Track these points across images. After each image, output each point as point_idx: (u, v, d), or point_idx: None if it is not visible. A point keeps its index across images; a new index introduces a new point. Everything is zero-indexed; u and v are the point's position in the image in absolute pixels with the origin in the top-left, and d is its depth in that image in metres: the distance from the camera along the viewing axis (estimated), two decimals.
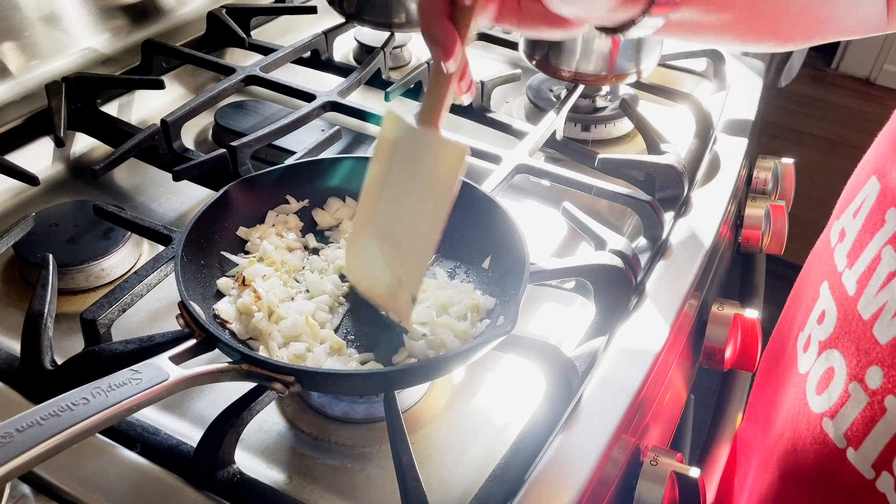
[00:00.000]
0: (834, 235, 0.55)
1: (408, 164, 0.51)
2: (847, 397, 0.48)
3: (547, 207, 0.79)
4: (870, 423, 0.46)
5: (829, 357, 0.51)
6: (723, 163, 0.83)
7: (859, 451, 0.46)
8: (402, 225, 0.52)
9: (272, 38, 0.98)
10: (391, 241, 0.52)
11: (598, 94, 0.90)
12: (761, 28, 0.56)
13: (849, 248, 0.52)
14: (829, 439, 0.49)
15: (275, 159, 0.78)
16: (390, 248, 0.52)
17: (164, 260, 0.60)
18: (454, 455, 0.55)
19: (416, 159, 0.51)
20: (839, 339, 0.50)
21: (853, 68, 2.71)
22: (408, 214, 0.52)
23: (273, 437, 0.55)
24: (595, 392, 0.56)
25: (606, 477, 0.52)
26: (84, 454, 0.50)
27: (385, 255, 0.52)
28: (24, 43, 0.82)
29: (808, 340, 0.54)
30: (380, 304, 0.55)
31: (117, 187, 0.79)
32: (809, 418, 0.51)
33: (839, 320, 0.51)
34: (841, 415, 0.48)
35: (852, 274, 0.50)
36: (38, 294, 0.56)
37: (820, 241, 0.59)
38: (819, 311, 0.54)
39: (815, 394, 0.51)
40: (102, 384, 0.41)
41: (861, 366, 0.47)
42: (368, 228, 0.53)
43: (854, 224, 0.52)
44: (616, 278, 0.61)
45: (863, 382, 0.47)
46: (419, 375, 0.51)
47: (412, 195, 0.51)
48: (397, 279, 0.52)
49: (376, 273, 0.53)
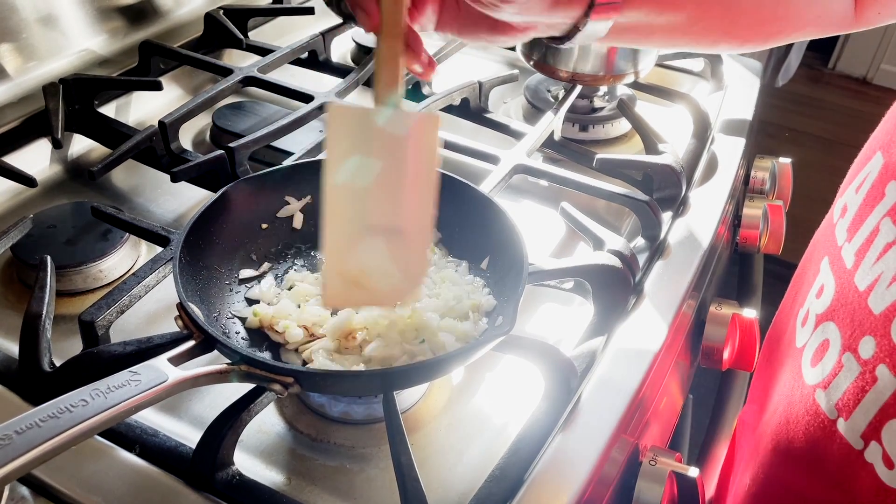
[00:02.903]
0: (836, 211, 0.55)
1: (379, 150, 0.49)
2: (840, 368, 0.48)
3: (545, 207, 0.79)
4: (860, 393, 0.46)
5: (824, 330, 0.51)
6: (720, 163, 0.83)
7: (849, 421, 0.46)
8: (392, 210, 0.50)
9: (270, 39, 0.98)
10: (384, 231, 0.51)
11: (595, 95, 0.90)
12: (715, 28, 0.55)
13: (849, 223, 0.52)
14: (821, 410, 0.49)
15: (273, 160, 0.78)
16: (385, 238, 0.51)
17: (163, 261, 0.60)
18: (453, 455, 0.55)
19: (387, 142, 0.49)
20: (835, 312, 0.50)
21: (850, 68, 2.71)
22: (395, 197, 0.50)
23: (272, 438, 0.55)
24: (594, 392, 0.56)
25: (605, 477, 0.52)
26: (83, 456, 0.50)
27: (378, 247, 0.51)
28: (21, 44, 0.82)
29: (807, 315, 0.54)
30: (384, 302, 0.54)
31: (115, 189, 0.79)
32: (803, 390, 0.52)
33: (836, 293, 0.50)
34: (833, 385, 0.48)
35: (851, 247, 0.50)
36: (36, 296, 0.56)
37: (824, 221, 0.59)
38: (818, 285, 0.54)
39: (810, 366, 0.51)
40: (101, 386, 0.41)
41: (855, 336, 0.47)
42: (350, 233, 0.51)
43: (856, 199, 0.52)
44: (614, 278, 0.61)
45: (856, 353, 0.47)
46: (418, 376, 0.51)
47: (394, 178, 0.50)
48: (401, 263, 0.51)
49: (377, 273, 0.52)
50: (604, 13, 0.49)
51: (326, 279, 0.51)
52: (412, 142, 0.49)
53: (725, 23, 0.54)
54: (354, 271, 0.51)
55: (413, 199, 0.50)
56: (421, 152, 0.49)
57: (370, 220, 0.51)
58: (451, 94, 0.84)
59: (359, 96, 0.89)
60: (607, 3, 0.49)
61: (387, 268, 0.51)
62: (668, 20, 0.52)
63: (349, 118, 0.49)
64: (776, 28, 0.56)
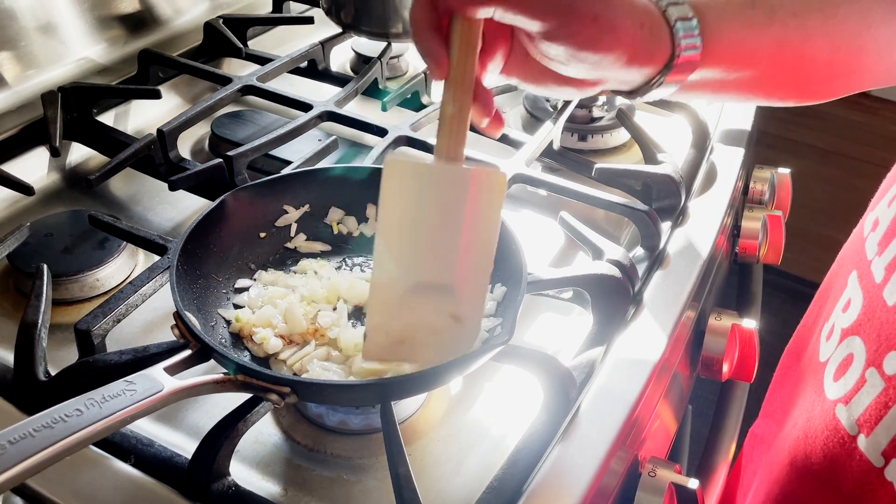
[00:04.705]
0: (867, 226, 0.54)
1: (435, 206, 0.47)
2: (863, 383, 0.47)
3: (544, 217, 0.78)
4: (883, 409, 0.45)
5: (849, 344, 0.50)
6: (719, 173, 0.83)
7: (871, 437, 0.45)
8: (445, 268, 0.48)
9: (269, 49, 0.98)
10: (435, 288, 0.48)
11: (594, 105, 0.90)
12: (787, 84, 0.54)
13: (881, 237, 0.51)
14: (842, 426, 0.48)
15: (271, 169, 0.78)
16: (436, 295, 0.48)
17: (160, 270, 0.60)
18: (451, 466, 0.55)
19: (445, 198, 0.47)
20: (861, 326, 0.49)
21: None
22: (450, 255, 0.48)
23: (269, 448, 0.55)
24: (593, 402, 0.56)
25: (605, 488, 0.52)
26: (77, 466, 0.49)
27: (428, 304, 0.49)
28: (20, 52, 0.82)
29: (832, 329, 0.53)
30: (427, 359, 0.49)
31: (113, 197, 0.79)
32: (824, 405, 0.51)
33: (864, 307, 0.49)
34: (855, 401, 0.47)
35: (881, 261, 0.49)
36: (32, 304, 0.56)
37: (852, 235, 0.58)
38: (845, 299, 0.53)
39: (833, 381, 0.50)
40: (96, 395, 0.41)
41: (880, 351, 0.46)
42: (398, 289, 0.48)
43: (888, 213, 0.51)
44: (613, 288, 0.61)
45: (880, 368, 0.46)
46: (416, 386, 0.51)
47: (450, 235, 0.48)
48: (454, 317, 0.49)
49: (423, 330, 0.49)
50: (680, 74, 0.48)
51: (369, 332, 0.49)
52: (472, 199, 0.47)
53: (798, 78, 0.53)
54: (399, 326, 0.49)
55: (469, 258, 0.48)
56: (481, 210, 0.47)
57: (420, 277, 0.48)
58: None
59: (358, 105, 0.89)
60: (686, 63, 0.48)
61: (435, 325, 0.49)
62: (741, 76, 0.51)
63: (406, 172, 0.47)
64: (846, 83, 0.55)
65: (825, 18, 0.50)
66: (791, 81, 0.54)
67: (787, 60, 0.51)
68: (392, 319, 0.49)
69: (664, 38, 0.48)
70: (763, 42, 0.50)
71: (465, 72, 0.46)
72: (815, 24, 0.50)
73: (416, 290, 0.48)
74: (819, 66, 0.53)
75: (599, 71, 0.48)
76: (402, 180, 0.47)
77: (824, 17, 0.50)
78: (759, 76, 0.51)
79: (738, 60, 0.50)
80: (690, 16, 0.48)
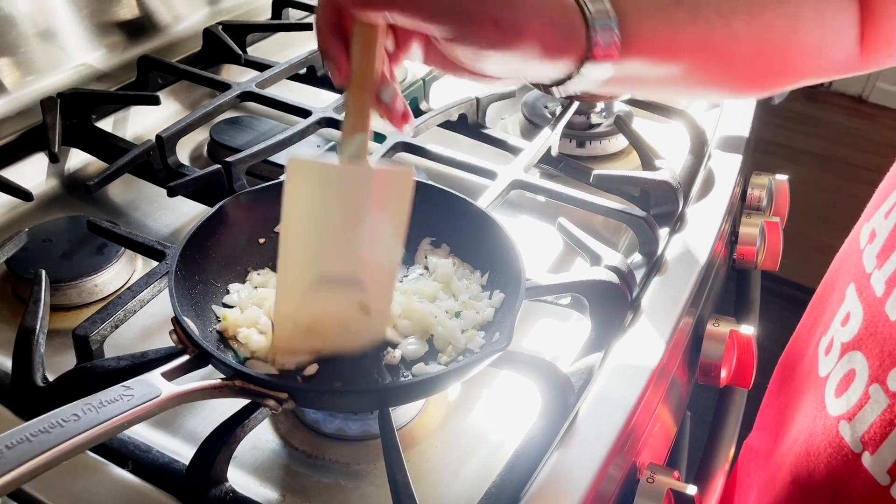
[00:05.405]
0: (864, 237, 0.54)
1: (339, 203, 0.49)
2: (867, 399, 0.46)
3: (542, 223, 0.79)
4: (888, 427, 0.44)
5: (851, 359, 0.49)
6: (717, 179, 0.83)
7: (875, 455, 0.45)
8: (351, 261, 0.50)
9: (268, 55, 0.99)
10: (342, 280, 0.50)
11: (592, 111, 0.90)
12: (712, 79, 0.53)
13: (879, 249, 0.50)
14: (845, 443, 0.48)
15: (270, 175, 0.78)
16: (343, 287, 0.50)
17: (158, 276, 0.60)
18: (450, 472, 0.54)
19: (351, 197, 0.48)
20: (863, 341, 0.49)
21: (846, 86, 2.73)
22: (355, 250, 0.50)
23: (266, 454, 0.55)
24: (591, 408, 0.56)
25: (603, 494, 0.52)
26: (75, 472, 0.49)
27: (335, 296, 0.51)
28: (19, 59, 0.83)
29: (831, 343, 0.53)
30: (335, 349, 0.52)
31: (111, 203, 0.79)
32: (826, 421, 0.50)
33: (865, 322, 0.49)
34: (859, 418, 0.47)
35: (881, 275, 0.49)
36: (30, 310, 0.56)
37: (847, 245, 0.58)
38: (844, 313, 0.52)
39: (834, 396, 0.50)
40: (94, 400, 0.41)
41: (884, 367, 0.46)
42: (304, 281, 0.50)
43: (885, 225, 0.51)
44: (611, 294, 0.61)
45: (884, 384, 0.45)
46: (414, 392, 0.51)
47: (355, 230, 0.49)
48: (362, 308, 0.51)
49: (330, 321, 0.51)
50: (598, 68, 0.48)
51: (276, 322, 0.51)
52: (379, 196, 0.49)
53: (722, 73, 0.53)
54: (306, 318, 0.51)
55: (376, 252, 0.50)
56: (388, 206, 0.49)
57: (325, 269, 0.50)
58: (449, 110, 0.84)
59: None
60: (604, 57, 0.47)
61: (343, 316, 0.51)
62: (667, 70, 0.50)
63: (309, 171, 0.48)
64: (773, 80, 0.55)
65: (751, 19, 0.50)
66: (716, 77, 0.53)
67: (712, 58, 0.51)
68: (299, 310, 0.50)
69: (580, 32, 0.47)
70: (685, 38, 0.49)
71: (366, 74, 0.47)
72: (739, 25, 0.50)
73: (323, 282, 0.50)
74: (744, 64, 0.52)
75: (511, 66, 0.48)
76: (306, 179, 0.48)
77: (750, 18, 0.50)
78: (682, 71, 0.51)
79: (660, 55, 0.50)
80: (608, 9, 0.47)
